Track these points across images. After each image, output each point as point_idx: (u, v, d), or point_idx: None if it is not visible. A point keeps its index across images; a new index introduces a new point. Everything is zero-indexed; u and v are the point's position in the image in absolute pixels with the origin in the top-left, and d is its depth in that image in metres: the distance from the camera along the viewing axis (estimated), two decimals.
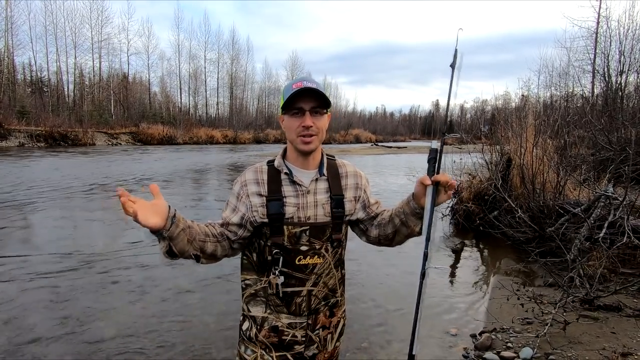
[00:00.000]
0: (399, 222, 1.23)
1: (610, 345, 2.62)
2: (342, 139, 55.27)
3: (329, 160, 1.28)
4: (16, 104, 29.67)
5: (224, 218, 1.21)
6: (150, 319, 3.17)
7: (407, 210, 1.21)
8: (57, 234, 5.59)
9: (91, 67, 40.11)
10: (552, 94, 17.81)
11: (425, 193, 1.14)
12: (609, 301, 3.20)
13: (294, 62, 59.19)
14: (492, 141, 7.14)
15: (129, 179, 11.38)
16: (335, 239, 1.21)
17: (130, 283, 3.92)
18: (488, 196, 6.09)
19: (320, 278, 1.20)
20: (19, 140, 23.27)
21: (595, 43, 15.43)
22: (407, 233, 1.24)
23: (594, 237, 3.89)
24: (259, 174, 1.21)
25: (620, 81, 13.52)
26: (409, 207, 1.20)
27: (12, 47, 33.82)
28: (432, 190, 1.12)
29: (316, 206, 1.19)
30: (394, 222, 1.25)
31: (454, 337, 2.98)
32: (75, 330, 2.97)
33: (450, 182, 1.13)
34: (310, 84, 1.14)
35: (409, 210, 1.20)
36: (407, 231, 1.23)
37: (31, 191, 8.72)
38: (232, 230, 1.20)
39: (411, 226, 1.21)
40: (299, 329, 1.21)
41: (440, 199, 1.15)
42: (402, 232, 1.24)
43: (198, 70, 49.55)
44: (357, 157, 24.13)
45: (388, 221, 1.27)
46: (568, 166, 5.40)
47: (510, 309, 3.29)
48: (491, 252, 5.40)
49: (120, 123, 34.60)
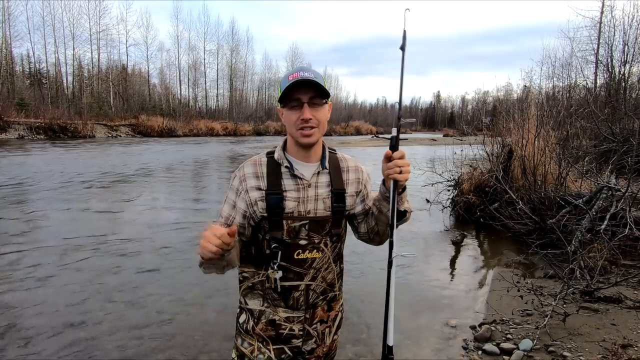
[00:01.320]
0: (376, 210, 1.20)
1: (611, 337, 2.62)
2: (343, 131, 55.05)
3: (330, 153, 1.25)
4: (15, 96, 29.52)
5: (225, 217, 1.18)
6: (149, 310, 3.18)
7: (379, 196, 1.18)
8: (56, 228, 5.59)
9: (90, 59, 39.83)
10: (554, 85, 17.67)
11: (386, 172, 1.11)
12: (610, 293, 3.20)
13: (294, 53, 58.74)
14: (493, 132, 7.09)
15: (129, 171, 11.36)
16: (335, 234, 1.19)
17: (128, 276, 3.93)
18: (489, 188, 6.07)
19: (318, 272, 1.18)
20: (18, 132, 23.19)
21: (599, 33, 15.24)
22: (386, 221, 1.18)
23: (595, 229, 3.87)
24: (257, 167, 1.18)
25: (623, 71, 13.38)
26: (380, 192, 1.18)
27: (9, 38, 33.54)
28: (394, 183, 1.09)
29: (316, 200, 1.17)
30: (372, 211, 1.22)
31: (454, 329, 2.98)
32: (73, 325, 2.97)
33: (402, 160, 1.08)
34: (307, 73, 1.10)
35: (380, 196, 1.17)
36: (384, 219, 1.18)
37: (30, 185, 8.71)
38: (239, 231, 1.17)
39: (384, 212, 1.17)
40: (296, 323, 1.19)
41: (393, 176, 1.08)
42: (381, 221, 1.20)
43: (197, 61, 49.21)
44: (358, 149, 24.05)
45: (370, 213, 1.24)
46: (570, 157, 5.36)
47: (510, 300, 3.29)
48: (491, 244, 5.40)
49: (120, 115, 34.45)
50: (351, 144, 29.78)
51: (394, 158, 1.08)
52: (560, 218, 4.42)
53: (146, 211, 6.69)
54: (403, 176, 1.08)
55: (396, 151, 1.09)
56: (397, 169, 1.07)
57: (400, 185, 1.11)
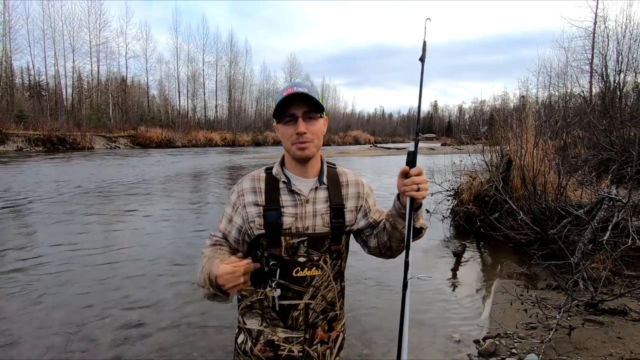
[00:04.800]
0: (390, 226, 1.15)
1: (617, 351, 2.56)
2: (341, 141, 55.28)
3: (329, 168, 1.23)
4: (14, 108, 29.59)
5: (222, 231, 1.19)
6: (148, 327, 3.11)
7: (393, 212, 1.14)
8: (54, 240, 5.52)
9: (89, 71, 40.14)
10: (550, 94, 17.83)
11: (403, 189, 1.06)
12: (614, 305, 3.15)
13: (292, 64, 59.34)
14: (491, 142, 7.09)
15: (128, 182, 11.31)
16: (335, 251, 1.16)
17: (126, 290, 3.85)
18: (489, 198, 6.04)
19: (318, 291, 1.15)
20: (17, 144, 23.16)
21: (593, 43, 15.44)
22: (400, 237, 1.15)
23: (597, 240, 3.83)
24: (256, 183, 1.17)
25: (618, 80, 13.51)
26: (394, 208, 1.13)
27: (10, 51, 33.81)
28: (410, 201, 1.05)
29: (315, 216, 1.14)
30: (385, 226, 1.18)
31: (457, 344, 2.92)
32: (70, 338, 2.90)
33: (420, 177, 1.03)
34: (300, 88, 1.09)
35: (395, 212, 1.13)
36: (399, 235, 1.15)
37: (24, 197, 8.65)
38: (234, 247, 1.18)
39: (399, 229, 1.13)
40: (295, 344, 1.15)
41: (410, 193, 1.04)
42: (395, 237, 1.16)
43: (196, 73, 49.60)
44: (356, 159, 24.09)
45: (383, 228, 1.20)
46: (569, 167, 5.36)
47: (514, 313, 3.23)
48: (493, 254, 5.35)
49: (119, 126, 34.53)
50: (350, 154, 29.85)
51: (411, 175, 1.04)
52: (561, 229, 4.38)
53: (141, 223, 6.62)
54: (421, 194, 1.03)
55: (413, 167, 1.05)
56: (415, 186, 1.03)
57: (417, 202, 1.07)
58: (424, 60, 1.08)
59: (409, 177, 1.04)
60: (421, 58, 1.08)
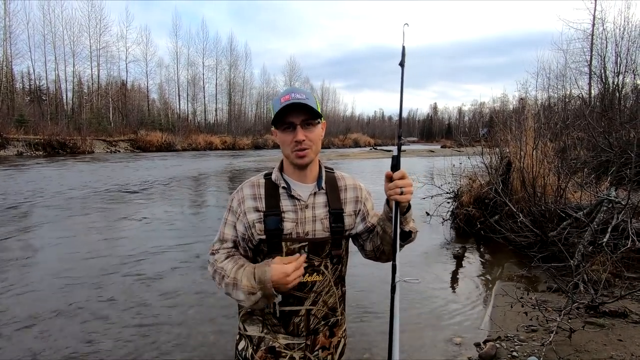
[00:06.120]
0: (381, 229, 1.16)
1: (618, 353, 2.56)
2: (341, 143, 55.35)
3: (327, 173, 1.23)
4: (15, 112, 29.65)
5: (225, 239, 1.18)
6: (149, 331, 3.11)
7: (383, 216, 1.15)
8: (58, 245, 5.53)
9: (90, 75, 40.24)
10: (549, 95, 17.88)
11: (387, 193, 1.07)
12: (615, 307, 3.15)
13: (292, 67, 59.49)
14: (491, 144, 7.11)
15: (129, 185, 11.32)
16: (335, 255, 1.17)
17: (128, 294, 3.86)
18: (489, 200, 6.05)
19: (319, 296, 1.16)
20: (17, 149, 23.21)
21: (591, 45, 15.50)
22: (390, 241, 1.14)
23: (597, 242, 3.84)
24: (256, 189, 1.18)
25: (617, 82, 13.56)
26: (384, 212, 1.15)
27: (10, 56, 33.89)
28: (396, 204, 1.06)
29: (314, 221, 1.15)
30: (377, 230, 1.19)
31: (458, 347, 2.92)
32: (70, 339, 2.90)
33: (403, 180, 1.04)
34: (298, 95, 1.09)
35: (384, 216, 1.14)
36: (389, 239, 1.15)
37: (22, 202, 8.65)
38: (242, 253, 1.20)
39: (389, 232, 1.13)
40: (297, 350, 1.16)
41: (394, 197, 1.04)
42: (386, 241, 1.16)
43: (196, 76, 49.72)
44: (356, 162, 24.11)
45: (376, 232, 1.21)
46: (569, 169, 5.37)
47: (515, 316, 3.23)
48: (493, 257, 5.35)
49: (119, 130, 34.59)
50: (350, 156, 29.86)
51: (394, 179, 1.05)
52: (561, 231, 4.39)
53: (141, 227, 6.63)
54: (404, 197, 1.04)
55: (397, 171, 1.05)
56: (398, 189, 1.03)
57: (403, 205, 1.08)
58: (404, 65, 1.07)
59: (393, 181, 1.05)
60: (401, 63, 1.07)
